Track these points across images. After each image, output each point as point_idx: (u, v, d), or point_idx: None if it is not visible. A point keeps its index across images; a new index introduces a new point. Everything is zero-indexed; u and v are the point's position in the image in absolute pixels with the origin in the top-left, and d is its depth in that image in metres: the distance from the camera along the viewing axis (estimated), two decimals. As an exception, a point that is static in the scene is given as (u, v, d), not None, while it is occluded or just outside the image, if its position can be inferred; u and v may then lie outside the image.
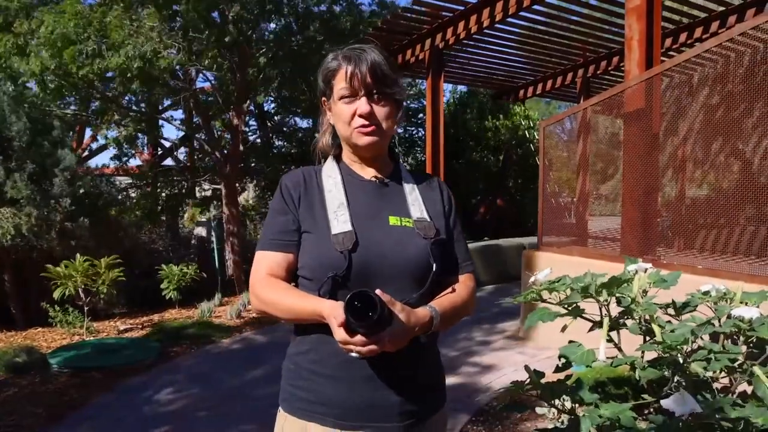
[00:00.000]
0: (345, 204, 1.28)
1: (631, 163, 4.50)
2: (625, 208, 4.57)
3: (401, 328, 1.10)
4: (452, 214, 1.41)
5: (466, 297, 1.34)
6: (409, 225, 1.29)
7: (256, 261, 1.30)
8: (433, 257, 1.25)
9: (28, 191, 5.69)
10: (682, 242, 4.51)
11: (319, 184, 1.33)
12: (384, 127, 1.29)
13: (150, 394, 3.96)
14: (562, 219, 5.24)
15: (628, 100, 4.39)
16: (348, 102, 1.26)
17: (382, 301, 1.06)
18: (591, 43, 7.85)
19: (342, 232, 1.23)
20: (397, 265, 1.23)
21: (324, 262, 1.22)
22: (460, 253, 1.39)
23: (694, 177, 4.73)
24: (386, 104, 1.29)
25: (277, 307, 1.24)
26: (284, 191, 1.33)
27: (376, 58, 1.27)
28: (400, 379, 1.24)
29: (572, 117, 5.36)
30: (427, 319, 1.19)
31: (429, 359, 1.35)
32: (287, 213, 1.30)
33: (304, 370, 1.28)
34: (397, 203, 1.33)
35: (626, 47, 4.48)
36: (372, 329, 1.05)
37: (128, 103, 9.90)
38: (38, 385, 4.19)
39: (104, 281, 5.62)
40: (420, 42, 7.62)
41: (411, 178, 1.39)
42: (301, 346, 1.30)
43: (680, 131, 4.49)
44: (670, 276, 1.47)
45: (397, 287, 1.21)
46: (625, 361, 1.42)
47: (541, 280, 1.52)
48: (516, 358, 4.66)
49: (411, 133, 13.47)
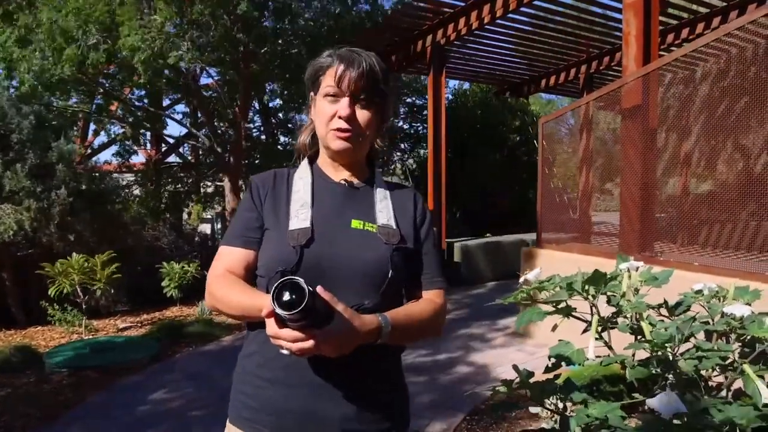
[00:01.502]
0: (309, 204, 1.26)
1: (629, 159, 4.44)
2: (623, 205, 4.52)
3: (340, 329, 1.02)
4: (425, 226, 1.35)
5: (427, 313, 1.26)
6: (371, 229, 1.25)
7: (216, 256, 1.28)
8: (392, 264, 1.20)
9: (28, 182, 5.69)
10: (680, 239, 4.46)
11: (288, 185, 1.31)
12: (363, 133, 1.26)
13: (145, 394, 3.95)
14: (561, 216, 5.19)
15: (626, 96, 4.33)
16: (331, 101, 1.23)
17: (316, 295, 0.98)
18: (593, 38, 7.79)
19: (299, 228, 1.20)
20: (351, 267, 1.19)
21: (277, 258, 1.19)
22: (430, 267, 1.32)
23: (692, 173, 4.67)
24: (370, 112, 1.25)
25: (226, 304, 1.20)
26: (253, 189, 1.31)
27: (372, 65, 1.24)
28: (347, 391, 1.17)
29: (570, 114, 5.30)
30: (374, 326, 1.10)
31: (386, 375, 1.27)
32: (252, 210, 1.28)
33: (249, 374, 1.24)
34: (363, 208, 1.29)
35: (624, 43, 4.43)
36: (304, 324, 0.97)
37: (131, 99, 9.93)
38: (33, 385, 4.19)
39: (101, 279, 5.63)
40: (421, 38, 7.60)
41: (385, 186, 1.35)
42: (250, 347, 1.27)
43: (678, 127, 4.44)
44: (662, 274, 1.45)
45: (351, 290, 1.16)
46: (615, 359, 1.39)
47: (531, 279, 1.49)
48: (515, 356, 4.63)
49: (416, 129, 13.44)
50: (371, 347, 1.12)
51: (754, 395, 1.09)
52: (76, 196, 6.24)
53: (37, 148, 5.92)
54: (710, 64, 4.49)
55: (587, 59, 8.64)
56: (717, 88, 4.44)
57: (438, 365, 4.51)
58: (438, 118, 7.70)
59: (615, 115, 4.87)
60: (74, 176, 6.37)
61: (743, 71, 4.06)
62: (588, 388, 1.32)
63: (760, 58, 3.77)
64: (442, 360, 4.64)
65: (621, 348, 1.36)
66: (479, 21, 6.63)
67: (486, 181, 11.09)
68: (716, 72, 4.60)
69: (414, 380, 4.14)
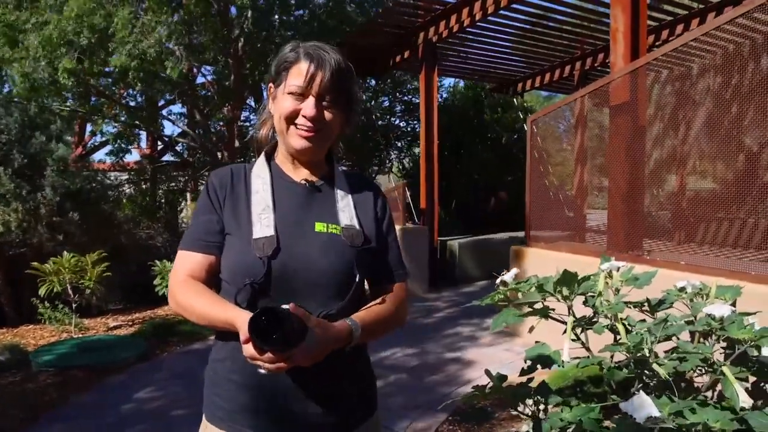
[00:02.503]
0: (270, 207, 1.23)
1: (617, 156, 4.42)
2: (611, 203, 4.49)
3: (315, 344, 1.04)
4: (386, 220, 1.35)
5: (393, 308, 1.29)
6: (336, 232, 1.24)
7: (176, 260, 1.26)
8: (357, 266, 1.20)
9: (12, 185, 5.68)
10: (668, 237, 4.44)
11: (247, 184, 1.28)
12: (326, 134, 1.25)
13: (130, 393, 3.95)
14: (550, 214, 5.17)
15: (613, 93, 4.30)
16: (294, 98, 1.21)
17: (291, 315, 1.00)
18: (587, 35, 7.75)
19: (263, 236, 1.18)
20: (319, 273, 1.18)
21: (242, 268, 1.17)
22: (393, 261, 1.34)
23: (681, 171, 4.64)
24: (335, 112, 1.24)
25: (191, 312, 1.19)
26: (210, 190, 1.28)
27: (340, 64, 1.22)
28: (320, 391, 1.20)
29: (559, 111, 5.28)
30: (346, 333, 1.13)
31: (355, 369, 1.30)
32: (212, 213, 1.25)
33: (222, 378, 1.24)
34: (326, 209, 1.27)
35: (611, 39, 4.40)
36: (281, 347, 1.00)
37: (126, 99, 9.93)
38: (18, 384, 4.19)
39: (91, 278, 5.62)
40: (413, 35, 7.56)
41: (345, 182, 1.33)
42: (220, 353, 1.26)
43: (666, 124, 4.41)
44: (644, 275, 1.42)
45: (319, 297, 1.17)
46: (591, 361, 1.37)
47: (509, 280, 1.47)
48: (502, 356, 4.61)
49: (413, 127, 13.41)
50: (344, 350, 1.14)
51: (733, 398, 1.06)
52: (65, 197, 6.23)
53: (24, 148, 5.90)
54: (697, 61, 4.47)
55: (582, 56, 8.60)
56: (705, 84, 4.42)
57: (424, 364, 4.49)
58: (430, 116, 7.67)
59: (604, 112, 4.84)
60: (63, 176, 6.37)
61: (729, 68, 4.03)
62: (572, 389, 1.32)
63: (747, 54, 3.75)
64: (429, 359, 4.62)
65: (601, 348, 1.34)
66: (471, 18, 6.60)
67: (480, 178, 11.07)
68: (701, 69, 4.56)
69: (399, 380, 4.13)
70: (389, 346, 4.80)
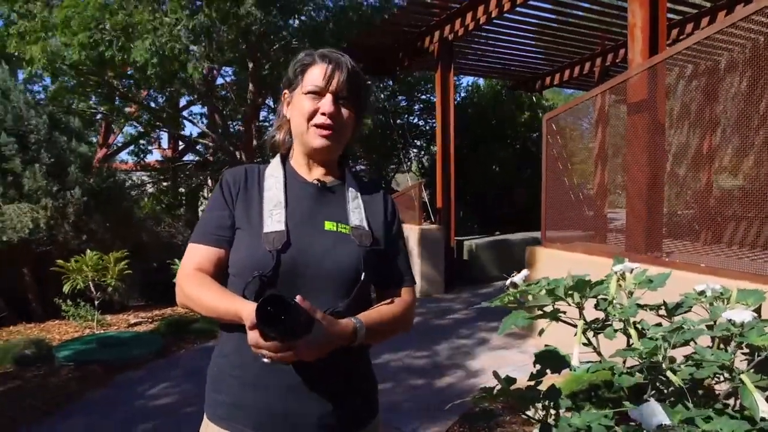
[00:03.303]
0: (282, 204, 1.26)
1: (635, 155, 4.34)
2: (629, 202, 4.42)
3: (319, 338, 1.06)
4: (395, 226, 1.38)
5: (399, 311, 1.31)
6: (345, 231, 1.26)
7: (186, 253, 1.28)
8: (364, 266, 1.22)
9: (44, 182, 5.82)
10: (688, 238, 4.34)
11: (260, 183, 1.31)
12: (342, 133, 1.29)
13: (145, 389, 4.02)
14: (566, 214, 5.10)
15: (631, 90, 4.23)
16: (313, 98, 1.25)
17: (298, 307, 1.02)
18: (608, 30, 7.62)
19: (274, 231, 1.21)
20: (326, 270, 1.21)
21: (252, 261, 1.20)
22: (401, 265, 1.37)
23: (702, 169, 4.54)
24: (350, 112, 1.28)
25: (199, 304, 1.21)
26: (224, 186, 1.31)
27: (355, 67, 1.28)
28: (324, 390, 1.20)
29: (575, 109, 5.20)
30: (350, 330, 1.15)
31: (359, 370, 1.31)
32: (224, 208, 1.28)
33: (226, 375, 1.25)
34: (336, 209, 1.30)
35: (629, 35, 4.32)
36: (286, 336, 1.01)
37: (147, 100, 10.09)
38: (42, 378, 4.30)
39: (112, 275, 5.73)
40: (429, 34, 7.53)
41: (357, 186, 1.36)
42: (225, 348, 1.28)
43: (686, 122, 4.32)
44: (658, 277, 1.39)
45: (326, 294, 1.19)
46: (603, 366, 1.35)
47: (519, 282, 1.46)
48: (516, 358, 4.57)
49: (432, 125, 13.37)
50: (348, 349, 1.16)
51: (752, 408, 1.03)
52: (90, 195, 6.37)
53: (52, 148, 6.04)
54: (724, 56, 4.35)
55: (602, 52, 8.46)
56: (732, 80, 4.31)
57: (437, 366, 4.48)
58: (447, 116, 7.63)
59: (622, 110, 4.76)
60: (88, 176, 6.51)
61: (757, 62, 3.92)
62: (586, 394, 1.29)
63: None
64: (442, 360, 4.61)
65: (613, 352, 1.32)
66: (487, 15, 6.54)
67: (498, 177, 10.98)
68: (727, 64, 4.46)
69: (411, 381, 4.13)
70: (402, 347, 4.80)
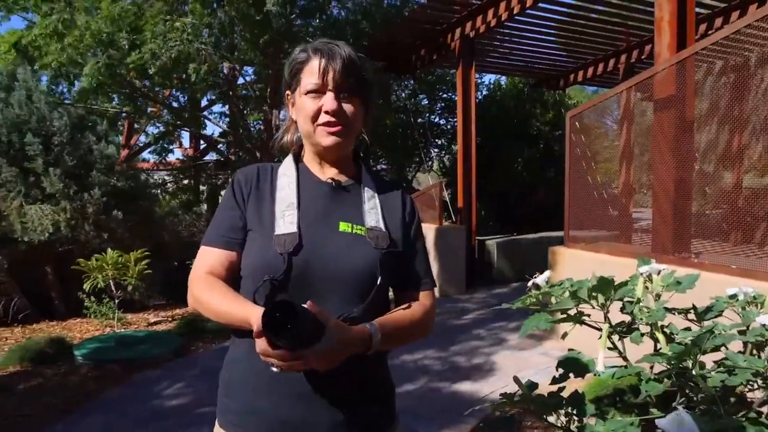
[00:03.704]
0: (295, 205, 1.21)
1: (663, 153, 4.20)
2: (656, 202, 4.28)
3: (331, 346, 1.00)
4: (414, 226, 1.31)
5: (418, 316, 1.24)
6: (360, 233, 1.20)
7: (198, 256, 1.24)
8: (381, 269, 1.16)
9: (61, 185, 5.89)
10: (719, 238, 4.19)
11: (272, 182, 1.26)
12: (351, 127, 1.22)
13: (162, 388, 4.02)
14: (590, 213, 4.97)
15: (658, 86, 4.09)
16: (314, 97, 1.19)
17: (308, 313, 0.96)
18: (633, 26, 7.43)
19: (286, 233, 1.16)
20: (341, 274, 1.15)
21: (263, 264, 1.15)
22: (420, 268, 1.30)
23: (733, 167, 4.38)
24: (355, 103, 1.21)
25: (209, 309, 1.16)
26: (235, 186, 1.27)
27: (351, 54, 1.20)
28: (338, 397, 1.15)
29: (599, 106, 5.06)
30: (365, 338, 1.09)
31: (376, 376, 1.25)
32: (235, 209, 1.24)
33: (237, 380, 1.20)
34: (351, 209, 1.24)
35: (656, 29, 4.18)
36: (295, 344, 0.96)
37: (170, 100, 10.19)
38: (61, 376, 4.33)
39: (132, 275, 5.77)
40: (450, 31, 7.44)
41: (373, 184, 1.30)
42: (236, 353, 1.23)
43: (715, 119, 4.16)
44: (687, 279, 1.31)
45: (340, 298, 1.14)
46: (629, 372, 1.28)
47: (541, 283, 1.40)
48: (537, 360, 4.47)
49: (453, 124, 13.27)
50: (363, 355, 1.11)
51: None
52: (110, 195, 6.43)
53: (74, 149, 6.11)
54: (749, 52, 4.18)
55: (627, 48, 8.27)
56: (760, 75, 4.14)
57: (456, 367, 4.40)
58: (468, 114, 7.53)
59: (648, 106, 4.61)
60: (109, 175, 6.57)
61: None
62: (611, 399, 1.22)
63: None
64: (461, 362, 4.52)
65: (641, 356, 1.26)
66: (509, 11, 6.44)
67: (520, 176, 10.82)
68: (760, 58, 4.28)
69: (429, 383, 4.05)
70: (420, 348, 4.73)
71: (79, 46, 6.80)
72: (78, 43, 6.64)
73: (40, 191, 6.08)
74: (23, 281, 6.36)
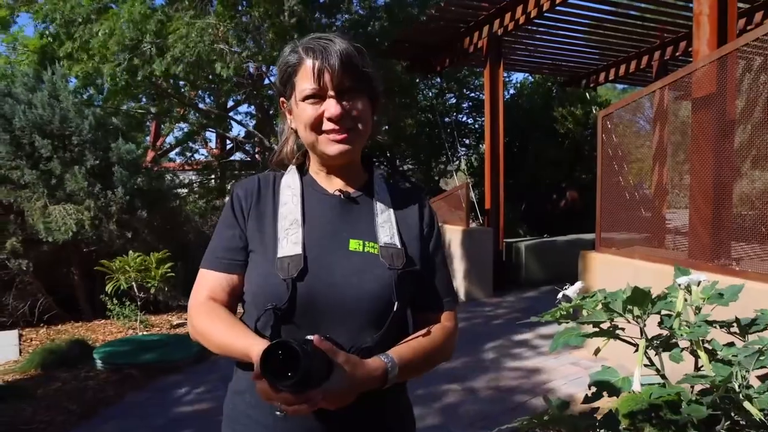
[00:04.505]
0: (299, 222, 1.08)
1: (701, 153, 3.98)
2: (693, 205, 4.06)
3: (341, 384, 0.89)
4: (433, 239, 1.17)
5: (439, 342, 1.11)
6: (373, 251, 1.07)
7: (197, 280, 1.14)
8: (396, 293, 1.03)
9: (85, 183, 5.91)
10: (761, 244, 3.94)
11: (275, 195, 1.14)
12: (359, 130, 1.09)
13: (181, 395, 3.97)
14: (623, 217, 4.75)
15: (696, 84, 3.87)
16: (313, 103, 1.05)
17: (315, 351, 0.85)
18: (667, 21, 7.15)
19: (288, 255, 1.04)
20: (352, 300, 1.03)
21: (264, 291, 1.04)
22: (440, 286, 1.16)
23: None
24: (360, 103, 1.07)
25: (209, 340, 1.06)
26: (234, 202, 1.15)
27: (347, 48, 1.05)
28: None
29: (633, 105, 4.84)
30: (380, 372, 0.97)
31: (395, 410, 1.13)
32: (234, 228, 1.12)
33: (242, 414, 1.10)
34: (363, 224, 1.11)
35: (694, 24, 3.97)
36: (298, 387, 0.84)
37: (197, 101, 10.25)
38: (80, 381, 4.31)
39: (155, 276, 5.76)
40: (477, 29, 7.27)
41: (386, 193, 1.16)
42: (240, 384, 1.13)
43: (758, 117, 3.91)
44: (729, 290, 1.19)
45: (351, 326, 1.02)
46: (668, 392, 1.17)
47: (571, 295, 1.29)
48: (568, 370, 4.28)
49: (481, 123, 13.09)
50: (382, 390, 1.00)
51: None
52: (134, 195, 6.43)
53: (96, 148, 6.13)
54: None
55: (661, 45, 7.97)
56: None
57: (482, 377, 4.24)
58: (496, 113, 7.35)
59: (685, 105, 4.39)
60: (134, 175, 6.59)
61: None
62: (646, 414, 1.12)
63: None
64: (488, 369, 4.36)
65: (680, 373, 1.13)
66: (538, 8, 6.24)
67: (550, 176, 10.57)
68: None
69: (455, 389, 3.91)
70: (445, 354, 4.59)
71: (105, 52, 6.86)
72: (103, 49, 6.69)
73: (63, 192, 6.12)
74: (49, 282, 6.42)
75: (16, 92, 6.02)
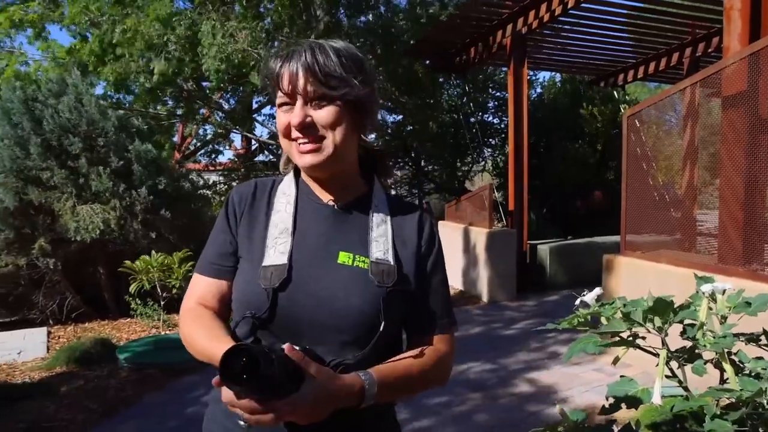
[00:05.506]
0: (289, 231, 1.05)
1: (732, 154, 3.83)
2: (723, 207, 3.91)
3: (312, 397, 0.84)
4: (432, 257, 1.12)
5: (429, 365, 1.06)
6: (362, 266, 1.03)
7: (189, 285, 1.13)
8: (384, 311, 0.98)
9: (110, 183, 6.00)
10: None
11: (270, 201, 1.11)
12: (330, 139, 1.01)
13: (198, 395, 3.98)
14: (649, 220, 4.61)
15: (727, 81, 3.72)
16: (286, 110, 1.02)
17: (280, 358, 0.80)
18: (698, 17, 6.93)
19: (273, 264, 1.01)
20: (335, 315, 0.98)
21: (245, 298, 1.02)
22: (436, 307, 1.11)
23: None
24: (332, 108, 1.00)
25: (192, 346, 1.04)
26: (228, 206, 1.13)
27: (316, 52, 0.99)
28: None
29: (660, 104, 4.69)
30: (356, 389, 0.92)
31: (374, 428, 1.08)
32: (226, 233, 1.11)
33: (219, 422, 1.08)
34: (355, 236, 1.07)
35: (725, 19, 3.82)
36: (264, 394, 0.80)
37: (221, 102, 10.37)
38: (102, 379, 4.37)
39: (177, 276, 5.82)
40: (501, 28, 7.17)
41: (386, 206, 1.11)
42: (217, 392, 1.10)
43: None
44: (758, 299, 1.12)
45: (332, 342, 0.98)
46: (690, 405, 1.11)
47: (590, 301, 1.24)
48: (589, 377, 4.17)
49: (506, 123, 12.92)
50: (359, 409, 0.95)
51: None
52: (159, 195, 6.52)
53: (119, 149, 6.23)
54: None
55: (692, 41, 7.73)
56: None
57: (501, 383, 4.16)
58: (519, 113, 7.23)
59: (715, 103, 4.23)
60: (160, 176, 6.68)
61: None
62: (670, 426, 1.06)
63: None
64: (506, 376, 4.27)
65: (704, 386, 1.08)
66: (562, 5, 6.11)
67: (575, 178, 10.36)
68: None
69: (471, 401, 3.84)
70: (465, 359, 4.52)
71: (133, 51, 6.98)
72: (131, 47, 6.79)
73: (89, 191, 6.23)
74: (77, 281, 6.54)
75: (42, 97, 6.16)
